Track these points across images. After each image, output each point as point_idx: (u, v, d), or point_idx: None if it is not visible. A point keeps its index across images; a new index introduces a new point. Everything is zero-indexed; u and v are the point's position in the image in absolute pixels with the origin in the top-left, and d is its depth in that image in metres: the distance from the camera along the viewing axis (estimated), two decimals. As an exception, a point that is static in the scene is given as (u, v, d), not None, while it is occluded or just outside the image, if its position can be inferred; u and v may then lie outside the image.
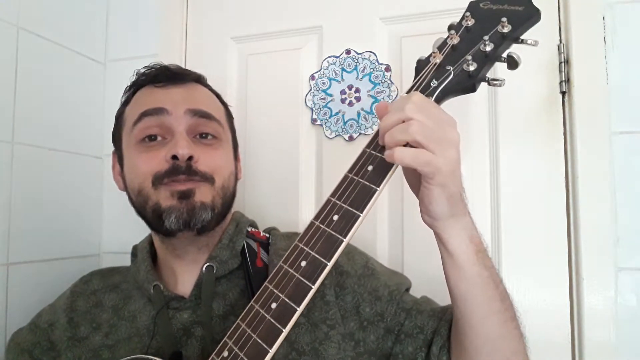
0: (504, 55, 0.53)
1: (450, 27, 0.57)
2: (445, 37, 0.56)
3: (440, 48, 0.56)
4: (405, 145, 0.48)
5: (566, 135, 0.84)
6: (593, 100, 0.81)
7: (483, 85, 0.54)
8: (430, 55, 0.56)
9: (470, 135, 0.89)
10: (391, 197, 0.92)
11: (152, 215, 0.63)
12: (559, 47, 0.85)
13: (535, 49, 0.54)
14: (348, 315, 0.65)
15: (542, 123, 0.85)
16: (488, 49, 0.52)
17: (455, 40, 0.55)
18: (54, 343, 0.67)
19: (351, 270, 0.69)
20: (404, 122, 0.48)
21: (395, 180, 0.62)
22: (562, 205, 0.83)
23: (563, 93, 0.84)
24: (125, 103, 0.71)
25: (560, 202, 0.83)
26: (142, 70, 0.71)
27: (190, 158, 0.62)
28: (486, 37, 0.52)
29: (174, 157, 0.62)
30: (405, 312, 0.65)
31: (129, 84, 0.72)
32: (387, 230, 0.93)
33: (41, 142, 0.94)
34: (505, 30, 0.53)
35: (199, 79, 0.74)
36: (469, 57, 0.53)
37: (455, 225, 0.52)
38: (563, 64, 0.84)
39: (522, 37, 0.54)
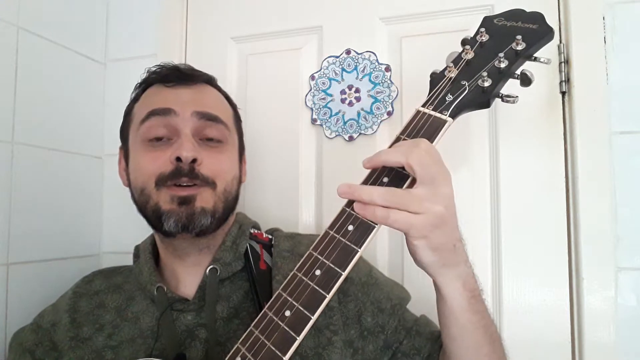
0: (517, 72, 0.54)
1: (464, 42, 0.57)
2: (460, 51, 0.57)
3: (455, 62, 0.56)
4: None
5: (566, 135, 0.84)
6: (593, 100, 0.81)
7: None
8: (445, 69, 0.56)
9: (470, 135, 0.89)
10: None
11: (152, 215, 0.64)
12: (559, 47, 0.85)
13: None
14: (350, 322, 0.65)
15: (542, 123, 0.85)
16: (502, 65, 0.53)
17: (470, 55, 0.55)
18: (56, 343, 0.67)
19: (355, 277, 0.69)
20: (402, 167, 0.48)
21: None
22: (562, 205, 0.83)
23: (563, 93, 0.85)
24: (134, 100, 0.72)
25: (560, 202, 0.84)
26: (154, 69, 0.71)
27: (194, 161, 0.62)
28: (501, 54, 0.53)
29: (178, 159, 0.62)
30: (405, 330, 0.66)
31: (139, 81, 0.72)
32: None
33: (41, 142, 0.94)
34: (520, 47, 0.53)
35: (210, 81, 0.73)
36: (484, 73, 0.53)
37: (448, 274, 0.51)
38: (563, 64, 0.84)
39: (535, 55, 0.54)
